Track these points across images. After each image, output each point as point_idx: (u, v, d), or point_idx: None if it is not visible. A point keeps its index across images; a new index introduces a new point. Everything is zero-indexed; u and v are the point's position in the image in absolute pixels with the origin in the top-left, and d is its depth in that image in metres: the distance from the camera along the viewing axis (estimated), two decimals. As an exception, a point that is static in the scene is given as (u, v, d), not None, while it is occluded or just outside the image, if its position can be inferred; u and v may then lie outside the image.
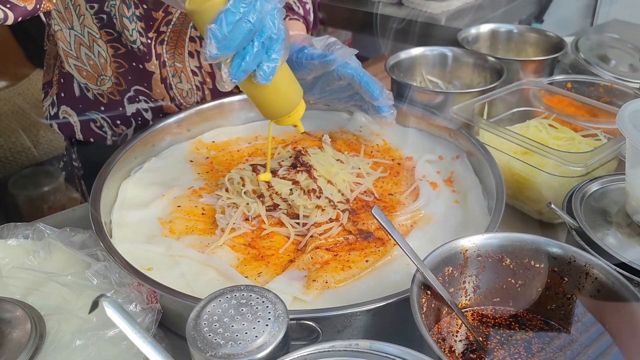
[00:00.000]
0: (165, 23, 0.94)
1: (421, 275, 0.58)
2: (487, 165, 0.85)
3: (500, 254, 0.63)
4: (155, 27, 0.94)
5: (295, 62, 0.86)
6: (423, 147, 0.98)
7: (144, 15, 0.93)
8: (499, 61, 1.14)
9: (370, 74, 0.88)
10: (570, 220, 0.67)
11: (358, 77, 0.86)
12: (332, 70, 0.87)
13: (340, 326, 0.62)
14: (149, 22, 0.94)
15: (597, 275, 0.58)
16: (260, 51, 0.63)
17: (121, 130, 1.04)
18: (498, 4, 2.23)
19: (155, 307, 0.64)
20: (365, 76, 0.86)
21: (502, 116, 1.01)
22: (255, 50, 0.62)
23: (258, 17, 0.60)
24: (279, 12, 0.63)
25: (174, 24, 0.95)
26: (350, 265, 0.73)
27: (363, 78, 0.86)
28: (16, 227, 0.77)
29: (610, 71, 1.21)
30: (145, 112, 1.03)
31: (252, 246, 0.77)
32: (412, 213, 0.83)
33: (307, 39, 0.91)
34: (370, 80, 0.86)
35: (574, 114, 1.02)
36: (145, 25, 0.94)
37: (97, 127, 1.05)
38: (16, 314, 0.63)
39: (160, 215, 0.83)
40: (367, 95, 0.87)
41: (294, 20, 1.05)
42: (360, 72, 0.86)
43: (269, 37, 0.63)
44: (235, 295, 0.54)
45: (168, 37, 0.97)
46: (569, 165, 0.78)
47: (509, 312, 0.65)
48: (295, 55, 0.86)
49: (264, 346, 0.49)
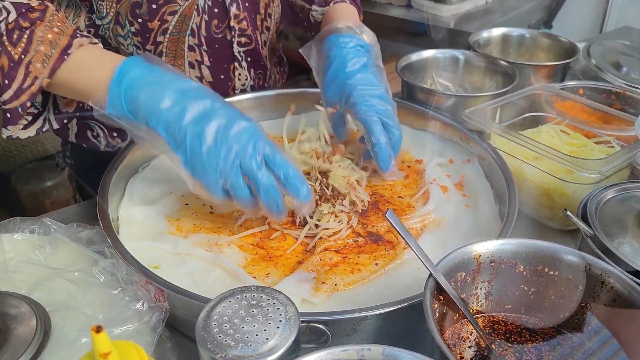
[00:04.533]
0: (161, 32, 0.93)
1: (434, 281, 0.57)
2: (499, 170, 0.84)
3: (514, 260, 0.62)
4: (152, 38, 0.93)
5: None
6: (433, 150, 0.97)
7: (139, 30, 0.92)
8: (511, 65, 1.13)
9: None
10: (585, 227, 0.66)
11: (372, 141, 0.83)
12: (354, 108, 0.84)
13: (349, 330, 0.61)
14: (145, 35, 0.92)
15: (613, 285, 0.57)
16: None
17: (116, 143, 1.03)
18: (507, 8, 2.22)
19: (163, 306, 0.63)
20: (381, 145, 0.82)
21: (514, 121, 1.00)
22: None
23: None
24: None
25: (170, 33, 0.93)
26: (359, 268, 0.73)
27: (378, 146, 0.82)
28: (22, 221, 0.76)
29: (622, 78, 1.20)
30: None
31: (261, 246, 0.77)
32: (422, 216, 0.82)
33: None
34: (383, 153, 0.82)
35: (586, 120, 1.01)
36: (141, 39, 0.93)
37: (93, 136, 1.03)
38: (22, 310, 0.63)
39: (167, 213, 0.82)
40: (374, 158, 0.85)
41: (340, 3, 1.02)
42: (380, 139, 0.82)
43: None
44: (246, 296, 0.53)
45: (166, 48, 0.95)
46: (583, 172, 0.77)
47: (520, 319, 0.64)
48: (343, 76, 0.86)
49: (275, 349, 0.48)
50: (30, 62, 0.70)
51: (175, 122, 0.68)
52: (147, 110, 0.69)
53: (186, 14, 0.92)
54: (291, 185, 0.70)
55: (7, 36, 0.70)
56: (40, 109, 0.78)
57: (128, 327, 0.62)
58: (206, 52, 0.98)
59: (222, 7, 0.95)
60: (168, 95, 0.69)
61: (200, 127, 0.68)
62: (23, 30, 0.70)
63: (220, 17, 0.95)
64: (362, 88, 0.85)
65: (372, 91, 0.85)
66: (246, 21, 0.98)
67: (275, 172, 0.70)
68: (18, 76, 0.70)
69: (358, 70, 0.86)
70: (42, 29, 0.71)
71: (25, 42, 0.70)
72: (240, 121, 0.70)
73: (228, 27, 0.97)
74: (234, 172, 0.68)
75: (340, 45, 0.88)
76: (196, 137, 0.68)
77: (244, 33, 0.99)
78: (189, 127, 0.68)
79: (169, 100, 0.69)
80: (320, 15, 1.05)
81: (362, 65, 0.87)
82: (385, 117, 0.84)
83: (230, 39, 0.99)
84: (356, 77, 0.86)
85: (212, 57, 0.99)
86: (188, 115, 0.68)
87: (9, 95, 0.71)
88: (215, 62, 1.00)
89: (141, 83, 0.69)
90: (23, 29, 0.70)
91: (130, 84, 0.69)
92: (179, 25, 0.93)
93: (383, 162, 0.83)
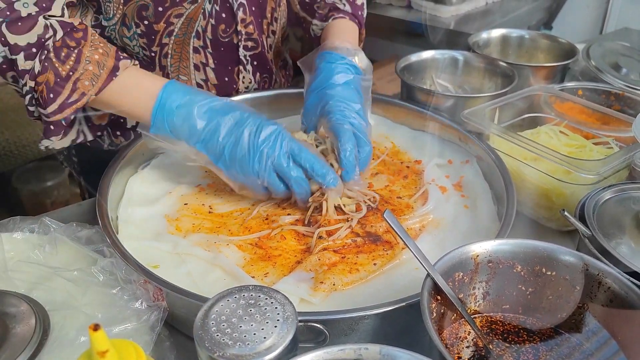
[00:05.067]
0: (167, 34, 0.93)
1: (432, 281, 0.57)
2: (498, 171, 0.84)
3: (511, 260, 0.62)
4: (158, 40, 0.94)
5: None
6: (432, 150, 0.97)
7: (145, 32, 0.93)
8: (510, 66, 1.13)
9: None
10: (583, 228, 0.66)
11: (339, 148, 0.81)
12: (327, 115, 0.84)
13: (347, 329, 0.61)
14: (150, 37, 0.93)
15: (611, 285, 0.58)
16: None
17: (119, 142, 1.03)
18: (507, 9, 2.23)
19: (161, 305, 0.64)
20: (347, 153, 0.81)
21: (513, 122, 1.00)
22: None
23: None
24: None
25: (176, 35, 0.94)
26: (358, 268, 0.73)
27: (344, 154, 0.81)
28: (22, 220, 0.77)
29: (621, 79, 1.20)
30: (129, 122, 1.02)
31: (259, 246, 0.77)
32: (421, 217, 0.82)
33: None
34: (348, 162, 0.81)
35: (585, 121, 1.02)
36: (147, 41, 0.94)
37: (97, 135, 1.03)
38: (21, 309, 0.63)
39: (167, 213, 0.83)
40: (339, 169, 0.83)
41: (339, 19, 1.02)
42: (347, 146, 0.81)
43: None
44: (244, 296, 0.53)
45: (172, 50, 0.95)
46: (582, 173, 0.77)
47: (518, 319, 0.64)
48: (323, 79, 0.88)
49: (273, 348, 0.48)
50: (78, 79, 0.75)
51: (212, 139, 0.77)
52: (186, 131, 0.77)
53: (192, 17, 0.93)
54: (319, 175, 0.78)
55: (54, 53, 0.74)
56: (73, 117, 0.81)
57: (127, 326, 0.62)
58: (211, 54, 0.98)
59: (229, 11, 0.95)
60: (203, 115, 0.77)
61: (234, 137, 0.76)
62: (71, 49, 0.75)
63: (228, 21, 0.96)
64: (340, 99, 0.85)
65: (349, 105, 0.85)
66: (253, 25, 0.99)
67: (302, 165, 0.78)
68: (64, 91, 0.75)
69: (341, 85, 0.87)
70: (88, 49, 0.76)
71: (74, 60, 0.75)
72: (267, 126, 0.77)
73: (235, 31, 0.98)
74: (268, 172, 0.77)
75: (330, 60, 0.90)
76: (231, 148, 0.76)
77: (251, 37, 1.00)
78: (224, 140, 0.77)
79: (204, 120, 0.77)
80: (320, 30, 1.05)
81: (347, 81, 0.88)
82: (358, 131, 0.83)
83: (237, 42, 0.99)
84: (336, 89, 0.86)
85: (217, 60, 0.99)
86: (222, 130, 0.77)
87: (53, 108, 0.75)
88: (220, 65, 1.00)
89: (180, 108, 0.77)
90: (71, 48, 0.75)
91: (171, 109, 0.77)
92: (185, 28, 0.94)
93: (346, 172, 0.81)
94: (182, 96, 0.78)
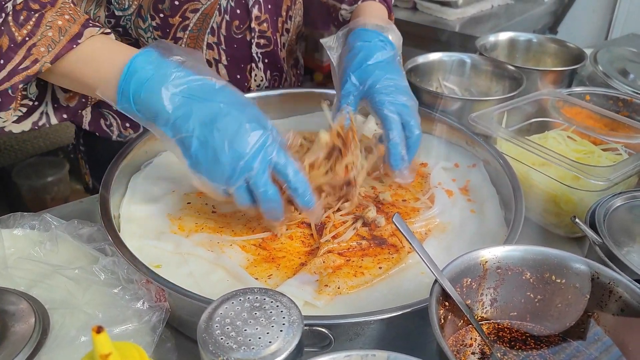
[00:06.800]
0: (182, 28, 0.93)
1: (440, 287, 0.56)
2: (505, 176, 0.83)
3: (520, 267, 0.61)
4: (172, 33, 0.93)
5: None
6: (439, 153, 0.96)
7: (160, 25, 0.92)
8: (518, 70, 1.12)
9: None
10: (594, 235, 0.65)
11: (389, 138, 0.79)
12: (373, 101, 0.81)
13: (352, 334, 0.60)
14: (165, 30, 0.92)
15: (622, 294, 0.57)
16: None
17: (128, 134, 1.02)
18: (513, 13, 2.22)
19: (163, 306, 0.63)
20: (396, 144, 0.79)
21: (520, 126, 0.99)
22: None
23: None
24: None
25: (190, 30, 0.93)
26: (363, 272, 0.72)
27: (392, 144, 0.79)
28: (22, 217, 0.76)
29: (628, 85, 1.19)
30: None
31: (263, 247, 0.76)
32: (427, 221, 0.81)
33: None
34: (396, 152, 0.79)
35: (593, 126, 1.01)
36: (162, 34, 0.93)
37: (106, 125, 1.03)
38: (20, 307, 0.62)
39: (169, 212, 0.81)
40: (386, 155, 0.82)
41: (369, 1, 1.00)
42: (396, 138, 0.79)
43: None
44: (249, 298, 0.52)
45: (185, 44, 0.95)
46: (591, 179, 0.76)
47: (526, 327, 0.63)
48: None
49: (278, 352, 0.48)
50: (34, 45, 0.67)
51: (181, 127, 0.66)
52: (154, 111, 0.67)
53: (207, 13, 0.92)
54: (299, 195, 0.70)
55: (13, 16, 0.67)
56: (37, 102, 0.75)
57: (128, 327, 0.61)
58: (224, 51, 0.98)
59: (244, 8, 0.95)
60: (174, 96, 0.66)
61: (207, 132, 0.66)
62: (32, 12, 0.68)
63: (242, 18, 0.96)
64: (388, 77, 0.82)
65: (397, 82, 0.82)
66: (267, 23, 0.99)
67: (283, 181, 0.69)
68: (16, 57, 0.67)
69: (385, 62, 0.84)
70: (52, 14, 0.69)
71: (32, 25, 0.67)
72: (251, 129, 0.66)
73: (248, 28, 0.97)
74: (237, 183, 0.67)
75: (366, 38, 0.87)
76: (202, 145, 0.66)
77: (264, 35, 1.00)
78: (196, 132, 0.66)
79: (175, 102, 0.66)
80: (349, 13, 1.04)
81: (389, 57, 0.85)
82: (407, 115, 0.81)
83: (250, 39, 0.99)
84: (383, 67, 0.83)
85: (230, 57, 0.99)
86: (194, 119, 0.66)
87: (2, 76, 0.67)
88: (233, 62, 1.00)
89: (149, 83, 0.66)
90: (32, 11, 0.68)
91: (139, 83, 0.66)
92: (200, 23, 0.93)
93: (395, 160, 0.80)
94: (154, 68, 0.67)
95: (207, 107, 0.66)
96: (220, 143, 0.65)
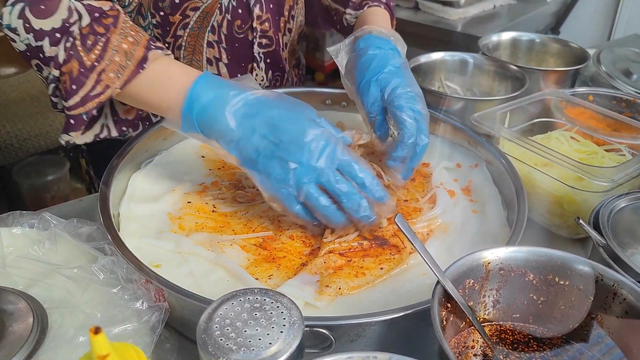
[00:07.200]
0: (182, 27, 0.92)
1: (442, 288, 0.56)
2: (508, 176, 0.83)
3: (523, 268, 0.60)
4: (172, 32, 0.93)
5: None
6: (440, 153, 0.96)
7: (160, 23, 0.91)
8: (521, 70, 1.11)
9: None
10: (598, 236, 0.65)
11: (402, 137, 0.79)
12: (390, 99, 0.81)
13: (354, 335, 0.59)
14: (165, 28, 0.92)
15: (626, 296, 0.56)
16: None
17: (127, 132, 1.02)
18: (515, 13, 2.21)
19: (162, 306, 0.62)
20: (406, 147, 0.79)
21: (523, 126, 0.98)
22: None
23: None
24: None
25: (191, 28, 0.93)
26: (364, 272, 0.71)
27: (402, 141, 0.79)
28: (22, 215, 0.75)
29: (632, 85, 1.19)
30: (155, 117, 1.00)
31: (264, 247, 0.75)
32: (429, 221, 0.80)
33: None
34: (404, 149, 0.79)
35: (596, 127, 1.00)
36: (162, 32, 0.92)
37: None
38: (18, 306, 0.61)
39: (169, 211, 0.81)
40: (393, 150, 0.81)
41: (374, 7, 0.99)
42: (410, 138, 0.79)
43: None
44: (249, 299, 0.52)
45: (185, 42, 0.94)
46: (595, 180, 0.75)
47: (528, 329, 0.62)
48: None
49: (278, 354, 0.47)
50: (103, 71, 0.70)
51: (245, 143, 0.70)
52: (217, 131, 0.70)
53: (208, 11, 0.92)
54: (369, 190, 0.71)
55: (81, 41, 0.69)
56: (97, 113, 0.77)
57: (127, 327, 0.61)
58: (225, 49, 0.97)
59: (245, 7, 0.94)
60: (236, 112, 0.70)
61: (270, 142, 0.69)
62: (98, 36, 0.70)
63: (244, 17, 0.95)
64: (406, 85, 0.82)
65: (415, 90, 0.83)
66: (269, 23, 0.98)
67: (350, 178, 0.70)
68: (88, 82, 0.70)
69: (399, 69, 0.84)
70: (117, 37, 0.71)
71: (100, 49, 0.70)
72: (310, 130, 0.69)
73: (250, 27, 0.97)
74: (307, 185, 0.69)
75: (379, 45, 0.86)
76: (266, 156, 0.69)
77: (266, 34, 0.99)
78: (259, 146, 0.69)
79: (236, 119, 0.70)
80: (354, 19, 1.03)
81: (402, 65, 0.85)
82: (422, 123, 0.81)
83: (252, 39, 0.98)
84: (399, 75, 0.83)
85: (231, 56, 0.98)
86: (256, 134, 0.69)
87: (75, 101, 0.70)
88: (234, 61, 0.99)
89: (211, 105, 0.70)
90: (98, 35, 0.70)
91: (201, 107, 0.70)
92: (200, 21, 0.93)
93: (394, 160, 0.80)
94: (213, 92, 0.71)
95: (267, 117, 0.70)
96: (284, 149, 0.68)
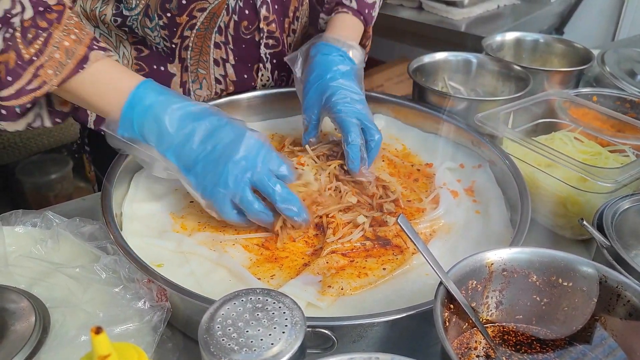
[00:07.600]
0: (189, 27, 0.92)
1: (445, 289, 0.55)
2: (511, 177, 0.82)
3: (527, 269, 0.60)
4: (179, 32, 0.92)
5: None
6: (444, 153, 0.95)
7: (167, 24, 0.91)
8: (525, 70, 1.11)
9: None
10: (601, 238, 0.64)
11: (348, 141, 0.83)
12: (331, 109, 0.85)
13: (356, 336, 0.59)
14: (172, 29, 0.92)
15: (630, 298, 0.56)
16: None
17: (60, 124, 1.01)
18: (519, 13, 2.21)
19: (164, 306, 0.62)
20: (353, 146, 0.82)
21: (527, 126, 0.98)
22: None
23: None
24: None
25: (197, 29, 0.93)
26: (366, 273, 0.71)
27: (350, 147, 0.83)
28: (24, 214, 0.75)
29: (636, 86, 1.18)
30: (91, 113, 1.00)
31: (266, 247, 0.75)
32: (432, 221, 0.80)
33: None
34: (354, 154, 0.83)
35: (600, 127, 0.99)
36: (169, 32, 0.92)
37: None
38: (21, 305, 0.61)
39: (172, 210, 0.81)
40: (345, 157, 0.84)
41: (342, 14, 0.99)
42: (355, 140, 0.83)
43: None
44: (251, 299, 0.52)
45: (192, 43, 0.94)
46: (599, 181, 0.75)
47: (531, 330, 0.62)
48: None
49: (280, 354, 0.47)
50: (41, 66, 0.69)
51: (184, 146, 0.71)
52: (156, 135, 0.71)
53: (215, 12, 0.92)
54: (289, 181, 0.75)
55: (21, 33, 0.68)
56: (30, 105, 0.75)
57: (129, 326, 0.61)
58: (232, 50, 0.97)
59: (252, 8, 0.94)
60: (176, 119, 0.71)
61: (210, 146, 0.71)
62: (40, 31, 0.69)
63: (251, 18, 0.95)
64: (344, 90, 0.86)
65: (353, 95, 0.86)
66: (275, 24, 0.98)
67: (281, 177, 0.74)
68: (24, 76, 0.68)
69: (341, 75, 0.88)
70: (59, 33, 0.70)
71: (41, 44, 0.69)
72: (246, 135, 0.72)
73: (257, 28, 0.97)
74: (242, 187, 0.71)
75: (326, 52, 0.90)
76: (206, 158, 0.71)
77: (272, 35, 0.99)
78: (199, 148, 0.71)
79: (176, 124, 0.71)
80: (325, 23, 1.04)
81: (346, 71, 0.88)
82: (366, 120, 0.85)
83: (259, 40, 0.98)
84: (339, 81, 0.87)
85: (238, 56, 0.99)
86: (196, 137, 0.71)
87: (10, 92, 0.69)
88: (240, 62, 1.00)
89: (152, 108, 0.71)
90: (40, 30, 0.69)
91: (142, 110, 0.71)
92: (207, 22, 0.93)
93: (352, 162, 0.83)
94: (156, 96, 0.72)
95: (207, 123, 0.72)
96: (223, 150, 0.71)
